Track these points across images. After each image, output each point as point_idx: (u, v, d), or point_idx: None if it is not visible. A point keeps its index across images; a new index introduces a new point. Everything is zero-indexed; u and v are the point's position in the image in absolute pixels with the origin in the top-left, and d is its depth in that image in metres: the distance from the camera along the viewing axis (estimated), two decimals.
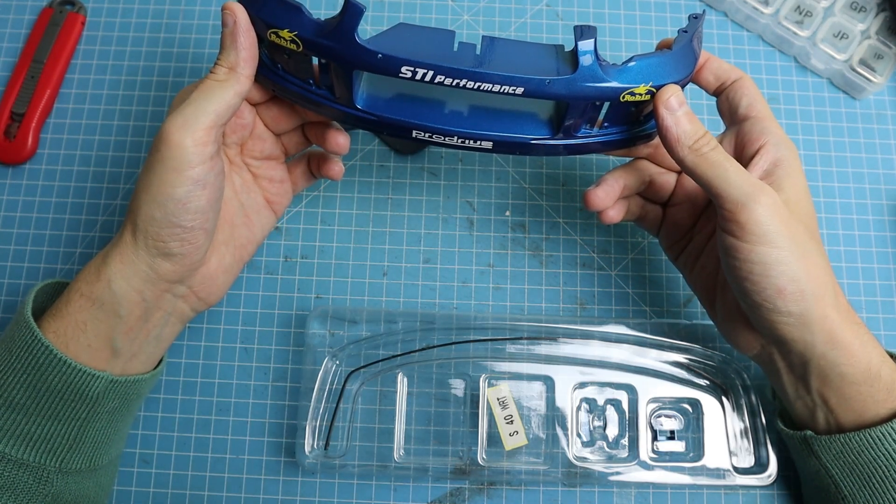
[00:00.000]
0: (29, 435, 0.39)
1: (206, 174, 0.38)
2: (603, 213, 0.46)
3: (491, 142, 0.41)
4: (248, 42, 0.38)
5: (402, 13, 0.57)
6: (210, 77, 0.38)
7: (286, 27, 0.37)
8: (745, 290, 0.38)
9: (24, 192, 0.53)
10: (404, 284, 0.52)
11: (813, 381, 0.40)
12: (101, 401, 0.40)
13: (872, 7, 0.55)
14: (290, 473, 0.48)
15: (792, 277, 0.37)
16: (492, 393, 0.47)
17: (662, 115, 0.38)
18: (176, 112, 0.37)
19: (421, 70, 0.36)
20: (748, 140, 0.41)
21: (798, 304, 0.37)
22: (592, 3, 0.58)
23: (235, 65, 0.38)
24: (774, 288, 0.37)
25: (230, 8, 0.38)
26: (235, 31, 0.38)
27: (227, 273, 0.44)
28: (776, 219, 0.37)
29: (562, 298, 0.52)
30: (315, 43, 0.37)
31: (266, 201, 0.47)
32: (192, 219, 0.38)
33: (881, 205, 0.54)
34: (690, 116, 0.39)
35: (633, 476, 0.46)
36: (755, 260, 0.37)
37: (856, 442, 0.40)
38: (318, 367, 0.47)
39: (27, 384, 0.38)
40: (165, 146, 0.37)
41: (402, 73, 0.36)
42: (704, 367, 0.48)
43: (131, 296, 0.39)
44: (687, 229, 0.46)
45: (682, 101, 0.39)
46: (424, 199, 0.53)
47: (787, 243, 0.37)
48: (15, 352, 0.38)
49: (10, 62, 0.56)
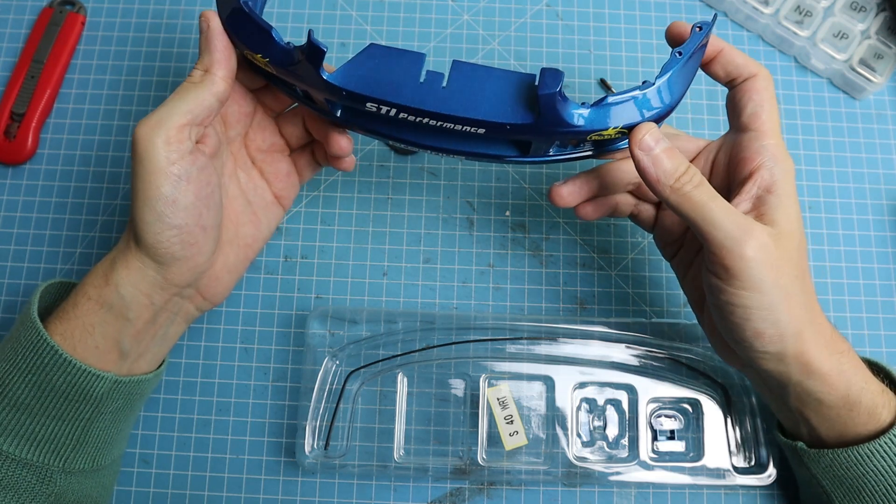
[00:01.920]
0: (33, 435, 0.39)
1: (188, 168, 0.38)
2: (576, 210, 0.45)
3: (463, 155, 0.41)
4: (222, 45, 0.39)
5: (402, 13, 0.57)
6: (186, 80, 0.39)
7: (259, 52, 0.38)
8: (725, 326, 0.38)
9: (24, 192, 0.53)
10: (404, 284, 0.52)
11: (791, 402, 0.40)
12: (106, 401, 0.40)
13: (872, 7, 0.55)
14: (290, 473, 0.48)
15: (773, 322, 0.37)
16: (492, 393, 0.47)
17: (639, 157, 0.37)
18: (148, 114, 0.38)
19: (385, 107, 0.37)
20: (743, 158, 0.39)
21: (775, 345, 0.37)
22: (592, 3, 0.58)
23: (210, 66, 0.39)
24: (753, 331, 0.37)
25: (204, 15, 0.39)
26: (209, 36, 0.39)
27: (232, 272, 0.44)
28: (762, 265, 0.36)
29: (562, 298, 0.52)
30: (285, 73, 0.38)
31: (274, 196, 0.47)
32: (185, 216, 0.38)
33: (881, 205, 0.54)
34: (670, 153, 0.37)
35: (633, 476, 0.46)
36: (737, 303, 0.37)
37: (843, 458, 0.40)
38: (318, 367, 0.47)
39: (32, 384, 0.38)
40: (139, 148, 0.37)
41: (367, 108, 0.37)
42: (704, 367, 0.48)
43: (140, 300, 0.39)
44: (678, 235, 0.45)
45: (658, 138, 0.37)
46: (424, 199, 0.53)
47: (770, 288, 0.36)
48: (21, 352, 0.38)
49: (10, 62, 0.56)
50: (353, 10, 0.57)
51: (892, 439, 0.39)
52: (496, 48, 0.57)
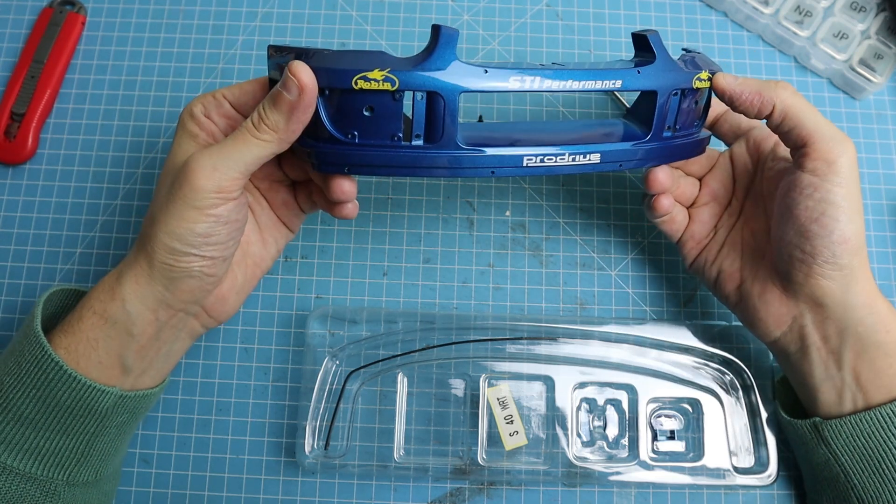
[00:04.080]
0: (37, 449, 0.39)
1: (230, 213, 0.37)
2: (658, 199, 0.45)
3: (598, 154, 0.39)
4: (305, 118, 0.36)
5: (402, 13, 0.57)
6: (252, 131, 0.37)
7: (376, 67, 0.35)
8: (809, 233, 0.39)
9: (24, 192, 0.53)
10: (404, 284, 0.52)
11: (847, 353, 0.40)
12: (110, 416, 0.40)
13: (872, 7, 0.55)
14: (290, 473, 0.48)
15: (855, 230, 0.38)
16: (492, 393, 0.47)
17: (731, 85, 0.40)
18: (206, 154, 0.36)
19: (528, 77, 0.36)
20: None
21: (852, 258, 0.38)
22: (592, 3, 0.58)
23: (283, 132, 0.36)
24: (840, 235, 0.38)
25: (297, 74, 0.35)
26: (298, 105, 0.35)
27: (240, 293, 0.44)
28: (854, 170, 0.38)
29: (562, 298, 0.52)
30: (411, 74, 0.35)
31: (279, 220, 0.46)
32: (213, 250, 0.38)
33: (881, 205, 0.54)
34: (749, 82, 0.40)
35: (633, 476, 0.46)
36: (831, 200, 0.38)
37: (868, 421, 0.39)
38: (318, 367, 0.47)
39: (36, 399, 0.38)
40: (189, 187, 0.36)
41: (510, 84, 0.36)
42: (704, 367, 0.48)
43: (146, 316, 0.39)
44: (711, 227, 0.47)
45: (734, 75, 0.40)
46: (424, 199, 0.53)
47: (856, 195, 0.38)
48: (24, 366, 0.38)
49: (10, 62, 0.56)
50: (353, 10, 0.57)
51: None
52: (496, 48, 0.57)
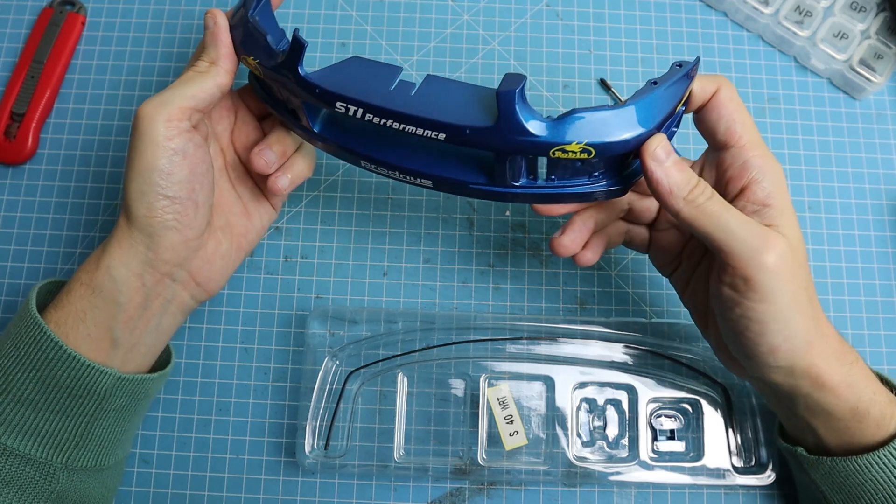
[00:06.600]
0: (36, 430, 0.39)
1: (185, 144, 0.40)
2: (576, 258, 0.43)
3: (430, 180, 0.41)
4: (228, 41, 0.41)
5: (402, 13, 0.57)
6: (192, 68, 0.41)
7: (251, 55, 0.41)
8: (737, 342, 0.38)
9: (24, 192, 0.53)
10: (404, 284, 0.52)
11: (800, 412, 0.40)
12: (109, 398, 0.40)
13: (872, 7, 0.55)
14: (290, 473, 0.48)
15: (786, 336, 0.36)
16: (492, 393, 0.47)
17: (651, 167, 0.36)
18: (155, 95, 0.40)
19: (353, 107, 0.38)
20: (731, 177, 0.38)
21: (788, 360, 0.37)
22: (592, 3, 0.58)
23: (216, 59, 0.41)
24: (768, 346, 0.36)
25: (212, 13, 0.42)
26: (216, 32, 0.41)
27: (225, 259, 0.45)
28: (782, 275, 0.35)
29: (562, 298, 0.52)
30: (270, 73, 0.40)
31: (261, 193, 0.47)
32: (179, 189, 0.40)
33: (881, 205, 0.54)
34: (680, 165, 0.36)
35: (633, 476, 0.46)
36: (753, 317, 0.36)
37: (842, 467, 0.40)
38: (318, 367, 0.47)
39: (36, 379, 0.39)
40: (141, 124, 0.39)
41: (336, 108, 0.39)
42: (704, 368, 0.48)
43: (131, 281, 0.40)
44: (675, 254, 0.44)
45: (670, 150, 0.36)
46: (424, 199, 0.53)
47: (787, 301, 0.35)
48: (23, 347, 0.39)
49: (10, 62, 0.56)
50: (353, 10, 0.57)
51: (891, 452, 0.39)
52: (496, 48, 0.57)
